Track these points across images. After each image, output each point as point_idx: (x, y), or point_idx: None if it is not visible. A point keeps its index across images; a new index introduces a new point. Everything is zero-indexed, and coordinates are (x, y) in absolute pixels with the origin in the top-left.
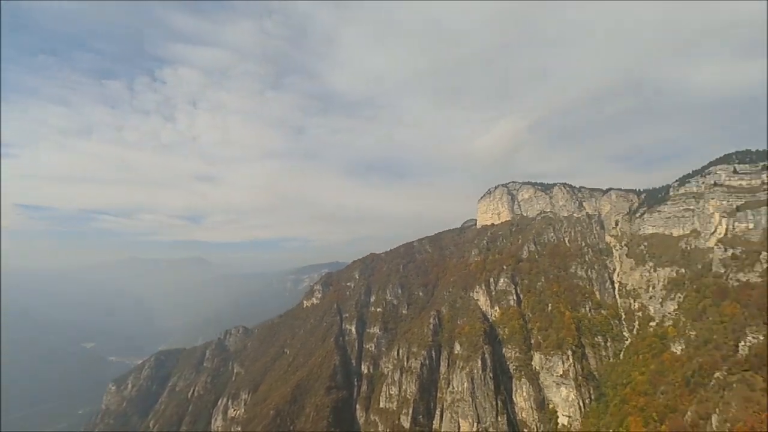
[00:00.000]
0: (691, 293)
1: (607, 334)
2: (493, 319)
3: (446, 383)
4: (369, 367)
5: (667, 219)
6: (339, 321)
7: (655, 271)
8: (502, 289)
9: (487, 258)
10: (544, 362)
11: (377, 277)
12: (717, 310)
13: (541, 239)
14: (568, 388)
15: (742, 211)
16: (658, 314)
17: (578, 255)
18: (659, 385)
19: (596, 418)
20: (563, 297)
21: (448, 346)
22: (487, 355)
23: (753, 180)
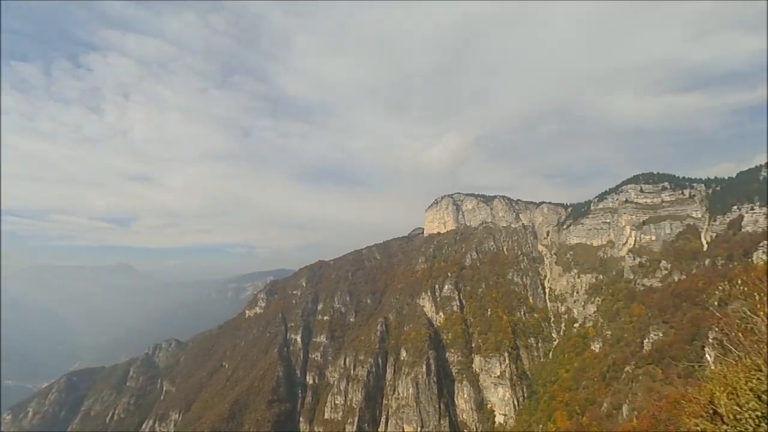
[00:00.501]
0: (608, 297)
1: (538, 335)
2: (438, 324)
3: (392, 390)
4: (314, 377)
5: (589, 231)
6: (284, 330)
7: (579, 278)
8: (447, 296)
9: (433, 265)
10: (484, 364)
11: (325, 284)
12: (627, 311)
13: (482, 248)
14: (504, 388)
15: (647, 224)
16: (580, 316)
17: (515, 263)
18: (581, 380)
19: (528, 415)
20: (501, 302)
21: (394, 352)
22: (432, 360)
23: (655, 198)
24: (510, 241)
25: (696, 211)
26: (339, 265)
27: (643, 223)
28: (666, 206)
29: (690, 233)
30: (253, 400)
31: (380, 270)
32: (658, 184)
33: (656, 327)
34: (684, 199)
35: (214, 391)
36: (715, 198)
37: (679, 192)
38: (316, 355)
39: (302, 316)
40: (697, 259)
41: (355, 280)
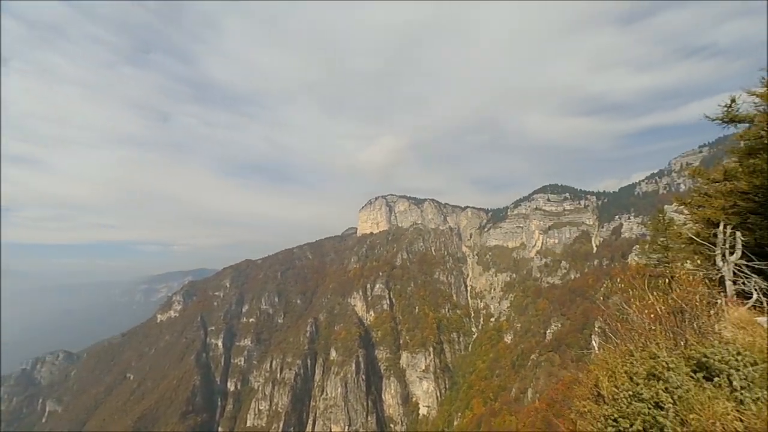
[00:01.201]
0: (519, 293)
1: (460, 330)
2: (368, 323)
3: (320, 391)
4: (236, 383)
5: (505, 234)
6: (203, 335)
7: (496, 276)
8: (378, 295)
9: (365, 265)
10: (410, 360)
11: (252, 285)
12: (534, 306)
13: (412, 248)
14: (428, 382)
15: (552, 229)
16: (496, 311)
17: (441, 263)
18: (495, 369)
19: (449, 404)
20: (428, 300)
21: (323, 353)
22: (361, 358)
23: (558, 207)
24: (438, 242)
25: (589, 219)
26: (268, 264)
27: (549, 228)
28: (567, 214)
29: (584, 238)
30: (164, 413)
31: (312, 269)
32: (561, 195)
33: (556, 319)
34: (580, 208)
35: (115, 406)
36: (603, 208)
37: (577, 202)
38: (239, 360)
39: (225, 318)
40: (589, 259)
41: (284, 280)
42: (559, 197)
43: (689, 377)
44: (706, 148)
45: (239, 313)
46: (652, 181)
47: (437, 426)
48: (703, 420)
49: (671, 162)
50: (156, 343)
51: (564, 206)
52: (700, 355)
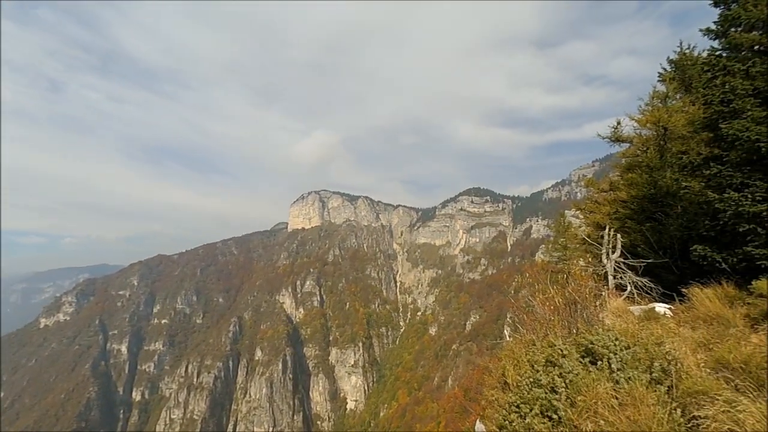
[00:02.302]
0: (444, 288)
1: (389, 324)
2: (297, 320)
3: (243, 393)
4: (143, 392)
5: (433, 232)
6: (101, 340)
7: (424, 272)
8: (308, 291)
9: (295, 261)
10: (339, 356)
11: (165, 282)
12: (457, 300)
13: (345, 244)
14: (356, 376)
15: (474, 229)
16: (423, 305)
17: (373, 259)
18: (420, 361)
19: (376, 397)
20: (359, 296)
21: (248, 353)
22: (289, 356)
23: (480, 208)
24: (370, 239)
25: (505, 220)
26: (185, 260)
27: (472, 228)
28: (487, 215)
29: (501, 237)
30: None
31: (236, 266)
32: (483, 197)
33: (475, 311)
34: (498, 210)
35: None
36: (517, 211)
37: (496, 205)
38: (147, 366)
39: (131, 321)
40: (504, 257)
41: (204, 277)
42: (482, 199)
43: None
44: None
45: (149, 314)
46: (556, 189)
47: (364, 419)
48: (587, 400)
49: (571, 173)
50: (37, 352)
51: (485, 208)
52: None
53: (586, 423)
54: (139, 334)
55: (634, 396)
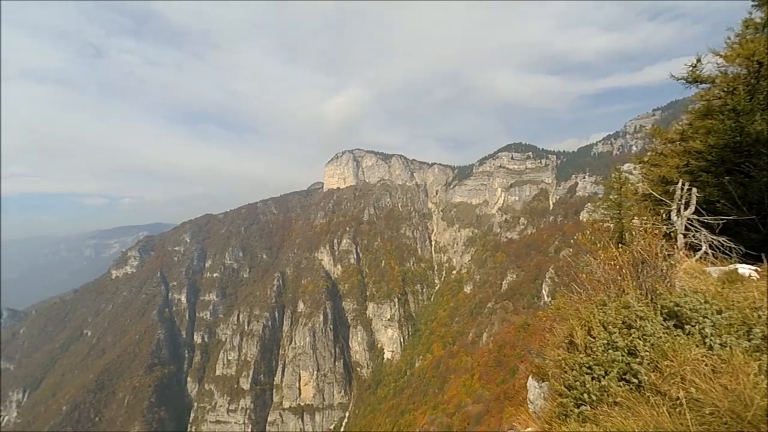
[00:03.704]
0: (480, 247)
1: (424, 282)
2: (336, 276)
3: (289, 340)
4: (203, 336)
5: (470, 191)
6: (164, 291)
7: (459, 232)
8: (345, 249)
9: (332, 220)
10: (376, 310)
11: (214, 240)
12: (493, 259)
13: (379, 204)
14: (392, 329)
15: (513, 187)
16: (458, 264)
17: (407, 218)
18: (455, 317)
19: (412, 349)
20: (394, 254)
21: (291, 305)
22: (329, 309)
23: (521, 165)
24: (404, 198)
25: (548, 178)
26: (230, 219)
27: (511, 186)
28: (528, 172)
29: (542, 195)
30: (128, 366)
31: (277, 225)
32: (524, 153)
33: (512, 271)
34: (541, 167)
35: (74, 362)
36: (561, 167)
37: (538, 161)
38: (204, 314)
39: (186, 274)
40: (545, 216)
41: (248, 235)
42: (522, 155)
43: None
44: (659, 111)
45: (202, 268)
46: (607, 142)
47: (400, 368)
48: (675, 365)
49: (626, 124)
50: (112, 299)
51: (526, 164)
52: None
53: (672, 389)
54: (195, 286)
55: (733, 364)
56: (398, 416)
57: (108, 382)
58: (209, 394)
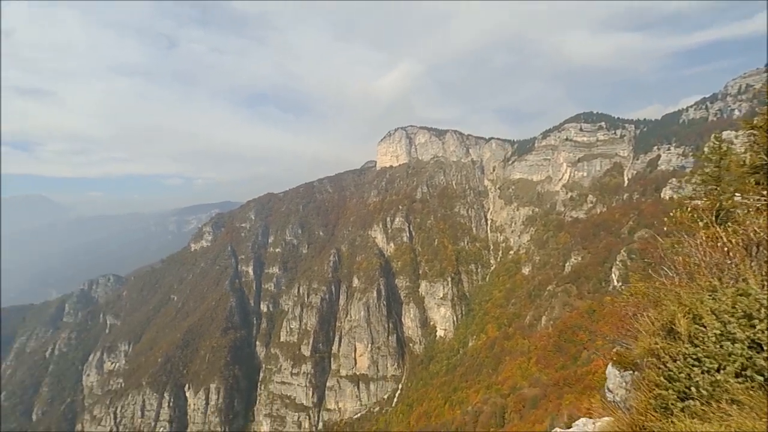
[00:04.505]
0: (540, 227)
1: (478, 262)
2: (389, 254)
3: (345, 313)
4: (268, 305)
5: (531, 166)
6: (234, 263)
7: (518, 210)
8: (398, 228)
9: (385, 198)
10: (429, 288)
11: (275, 217)
12: (555, 239)
13: (433, 182)
14: (445, 308)
15: (581, 162)
16: (516, 244)
17: (462, 197)
18: (511, 299)
19: (465, 328)
20: (447, 233)
21: (347, 280)
22: (382, 286)
23: (591, 137)
24: (459, 176)
25: (624, 150)
26: (289, 197)
27: (579, 160)
28: (599, 145)
29: (616, 170)
30: (207, 328)
31: (332, 203)
32: (596, 124)
33: (577, 252)
34: (615, 138)
35: (164, 322)
36: (640, 138)
37: (612, 132)
38: (269, 286)
39: (253, 248)
40: (618, 193)
41: (306, 213)
42: (593, 126)
43: None
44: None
45: (266, 243)
46: (701, 106)
47: (453, 346)
48: None
49: (728, 84)
50: (193, 270)
51: (597, 136)
52: None
53: None
54: (260, 260)
55: None
56: (450, 392)
57: (192, 340)
58: (275, 357)
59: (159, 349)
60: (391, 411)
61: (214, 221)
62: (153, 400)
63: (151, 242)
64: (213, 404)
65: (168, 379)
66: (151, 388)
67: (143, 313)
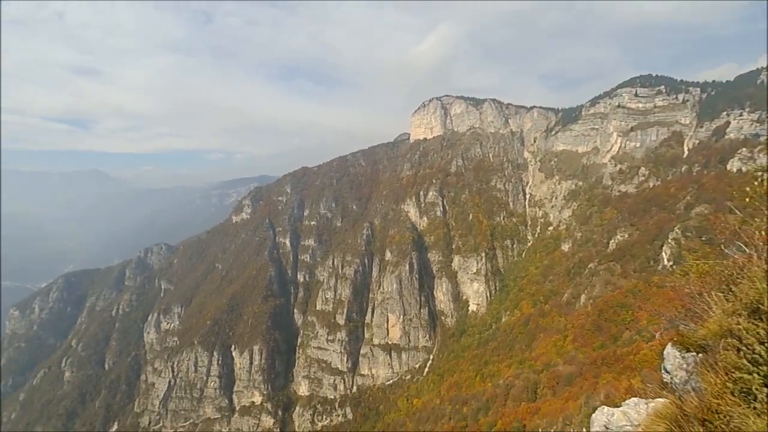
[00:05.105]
0: (584, 202)
1: (515, 237)
2: (421, 228)
3: (377, 285)
4: (305, 275)
5: (576, 137)
6: (272, 235)
7: (559, 184)
8: (431, 202)
9: (418, 172)
10: (462, 263)
11: (310, 191)
12: (600, 215)
13: (468, 154)
14: (479, 283)
15: (634, 131)
16: (556, 220)
17: (499, 170)
18: (548, 275)
19: (498, 304)
20: (482, 207)
21: (379, 253)
22: (414, 260)
23: (648, 103)
24: (497, 148)
25: (685, 117)
26: (323, 171)
27: (632, 129)
28: (657, 112)
29: (674, 139)
30: (249, 295)
31: (365, 177)
32: (654, 88)
33: (623, 229)
34: (676, 104)
35: (211, 288)
36: (706, 103)
37: (673, 96)
38: (305, 257)
39: (289, 221)
40: (675, 165)
41: (340, 187)
42: (651, 90)
43: None
44: None
45: (301, 216)
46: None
47: (485, 321)
48: None
49: None
50: (234, 240)
51: (655, 102)
52: None
53: None
54: (296, 232)
55: None
56: (482, 366)
57: (236, 306)
58: (312, 324)
59: (207, 313)
60: (422, 380)
61: (253, 195)
62: (204, 357)
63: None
64: (256, 364)
65: (216, 339)
66: (202, 346)
67: (192, 280)
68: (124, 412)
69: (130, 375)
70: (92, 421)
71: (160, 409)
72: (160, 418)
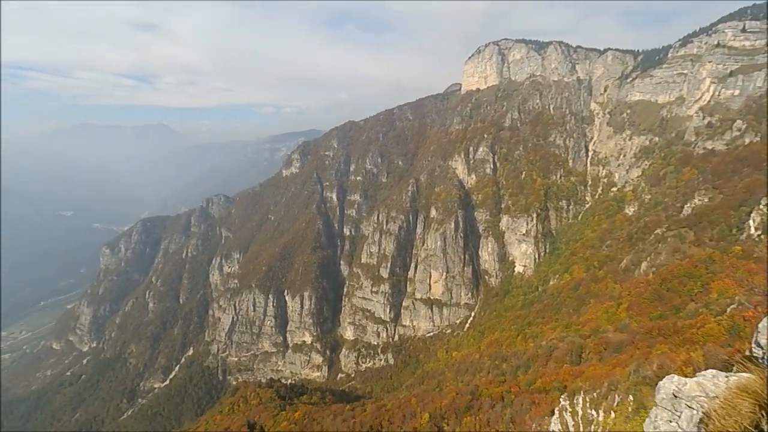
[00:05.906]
0: (658, 161)
1: (571, 198)
2: (469, 186)
3: (421, 242)
4: (351, 230)
5: (657, 85)
6: (320, 189)
7: (630, 140)
8: (481, 158)
9: (468, 127)
10: (510, 223)
11: (356, 146)
12: (676, 176)
13: (525, 106)
14: (527, 245)
15: (734, 76)
16: (621, 180)
17: (560, 123)
18: (606, 240)
19: (547, 267)
20: (537, 165)
21: (424, 210)
22: (460, 218)
23: (758, 41)
24: (559, 98)
25: None
26: (370, 126)
27: (730, 74)
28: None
29: None
30: (299, 245)
31: (412, 131)
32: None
33: (704, 192)
34: None
35: (265, 238)
36: None
37: None
38: (351, 211)
39: (336, 176)
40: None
41: (386, 142)
42: (761, 25)
43: None
44: None
45: (347, 171)
46: None
47: (531, 283)
48: None
49: None
50: (285, 194)
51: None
52: None
53: None
54: (343, 187)
55: None
56: (524, 326)
57: (287, 255)
58: (357, 276)
59: (262, 260)
60: (462, 334)
61: (301, 149)
62: (261, 299)
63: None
64: (306, 309)
65: (271, 284)
66: (259, 289)
67: (248, 229)
68: (197, 340)
69: (200, 309)
70: (173, 345)
71: (226, 340)
72: (226, 348)
